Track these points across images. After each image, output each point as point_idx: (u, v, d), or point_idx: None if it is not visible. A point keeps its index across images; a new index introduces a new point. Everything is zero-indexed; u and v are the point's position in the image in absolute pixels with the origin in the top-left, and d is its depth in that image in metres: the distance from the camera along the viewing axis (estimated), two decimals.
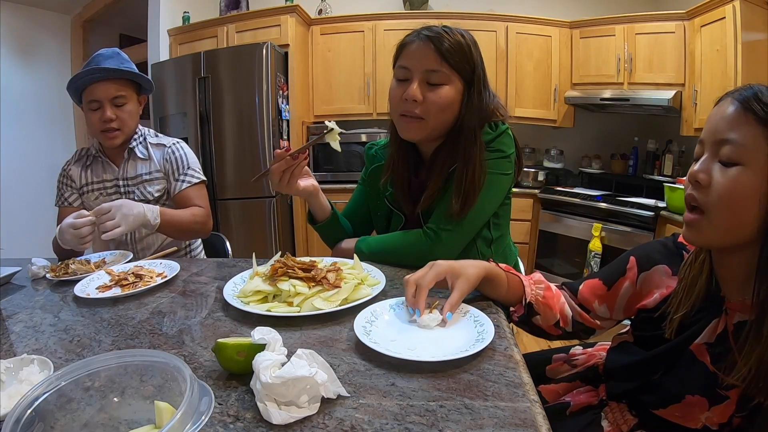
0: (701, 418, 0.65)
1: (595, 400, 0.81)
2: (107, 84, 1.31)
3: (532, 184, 3.11)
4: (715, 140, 0.61)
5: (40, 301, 0.91)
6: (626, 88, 2.85)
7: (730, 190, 0.59)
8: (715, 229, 0.61)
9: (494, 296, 0.83)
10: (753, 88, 0.59)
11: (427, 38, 0.95)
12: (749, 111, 0.58)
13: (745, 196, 0.58)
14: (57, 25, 3.57)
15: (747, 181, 0.57)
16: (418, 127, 0.99)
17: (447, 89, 0.97)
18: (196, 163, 1.47)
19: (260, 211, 2.92)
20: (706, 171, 0.61)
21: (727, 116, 0.60)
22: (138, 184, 1.40)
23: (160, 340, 0.71)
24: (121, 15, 3.81)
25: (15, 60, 3.30)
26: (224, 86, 2.87)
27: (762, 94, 0.58)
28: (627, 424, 0.73)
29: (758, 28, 2.34)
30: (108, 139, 1.35)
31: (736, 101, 0.59)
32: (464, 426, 0.48)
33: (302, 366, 0.50)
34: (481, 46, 1.03)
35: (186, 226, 1.35)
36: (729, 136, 0.59)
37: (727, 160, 0.59)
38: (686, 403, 0.66)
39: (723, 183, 0.59)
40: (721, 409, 0.63)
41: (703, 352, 0.66)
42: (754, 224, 0.59)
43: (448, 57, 0.95)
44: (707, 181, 0.61)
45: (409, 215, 1.11)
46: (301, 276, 0.82)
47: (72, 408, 0.47)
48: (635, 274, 0.78)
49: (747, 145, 0.57)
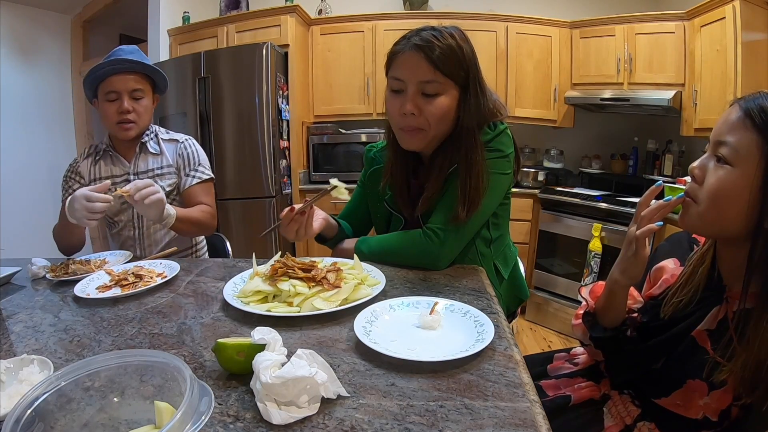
0: (700, 403, 0.67)
1: (597, 394, 0.82)
2: (127, 76, 1.33)
3: (532, 184, 3.11)
4: (716, 141, 0.66)
5: (40, 301, 0.91)
6: (626, 88, 2.85)
7: (717, 188, 0.63)
8: (701, 219, 0.66)
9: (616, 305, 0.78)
10: (759, 97, 0.62)
11: (417, 47, 0.92)
12: (748, 117, 0.61)
13: (728, 194, 0.63)
14: (57, 25, 3.57)
15: (733, 180, 0.62)
16: (420, 138, 0.99)
17: (442, 99, 0.95)
18: (206, 161, 1.49)
19: (260, 211, 2.92)
20: (701, 167, 0.67)
21: (730, 120, 0.64)
22: (150, 179, 1.40)
23: (160, 340, 0.71)
24: (121, 15, 3.80)
25: (15, 60, 3.30)
26: (224, 86, 2.87)
27: (765, 103, 0.61)
28: (630, 415, 0.74)
29: (758, 28, 2.34)
30: (123, 131, 1.36)
31: (740, 107, 0.63)
32: (464, 426, 0.48)
33: (302, 366, 0.50)
34: (481, 46, 1.03)
35: (195, 222, 1.36)
36: (726, 138, 0.63)
37: (720, 159, 0.64)
38: (687, 388, 0.68)
39: (711, 180, 0.65)
40: (719, 394, 0.65)
41: (704, 338, 0.68)
42: (739, 221, 0.63)
43: (440, 66, 0.92)
44: (701, 177, 0.66)
45: (408, 218, 1.11)
46: (301, 276, 0.82)
47: (72, 408, 0.47)
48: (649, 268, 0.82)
49: (740, 149, 0.62)
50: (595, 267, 2.60)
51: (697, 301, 0.71)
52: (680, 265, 0.78)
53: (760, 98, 0.62)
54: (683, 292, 0.73)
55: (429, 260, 0.99)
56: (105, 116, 1.36)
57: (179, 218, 1.26)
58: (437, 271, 0.99)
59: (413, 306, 0.77)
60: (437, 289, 0.89)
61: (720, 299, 0.69)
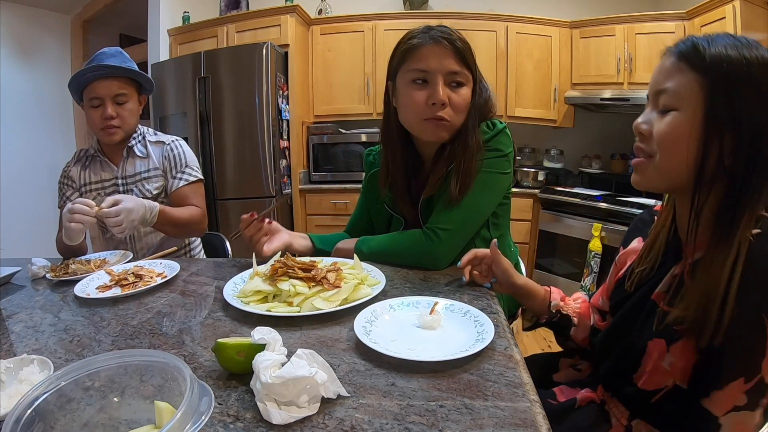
0: (665, 365, 0.65)
1: (597, 399, 0.81)
2: (109, 81, 1.32)
3: (532, 184, 3.11)
4: (655, 91, 0.65)
5: (40, 301, 0.91)
6: (626, 88, 2.85)
7: (667, 133, 0.62)
8: (658, 172, 0.65)
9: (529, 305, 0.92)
10: (690, 39, 0.63)
11: (442, 39, 0.96)
12: (683, 60, 0.61)
13: (680, 138, 0.61)
14: (57, 25, 3.57)
15: (681, 123, 0.61)
16: (445, 129, 1.00)
17: (466, 90, 0.99)
18: (194, 162, 1.47)
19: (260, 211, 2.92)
20: (647, 122, 0.66)
21: (665, 68, 0.64)
22: (137, 182, 1.40)
23: (160, 340, 0.71)
24: (121, 15, 3.80)
25: (15, 60, 3.30)
26: (224, 86, 2.87)
27: (697, 44, 0.61)
28: (624, 416, 0.74)
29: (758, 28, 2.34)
30: (108, 136, 1.36)
31: (673, 54, 0.63)
32: (464, 426, 0.48)
33: (302, 366, 0.50)
34: (481, 46, 1.05)
35: (182, 224, 1.35)
36: (665, 85, 0.63)
37: (663, 108, 0.63)
38: (650, 351, 0.66)
39: (661, 128, 0.63)
40: (679, 347, 0.63)
41: (662, 297, 0.67)
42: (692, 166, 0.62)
43: (464, 57, 0.96)
44: (648, 131, 0.65)
45: (409, 219, 1.11)
46: (301, 276, 0.82)
47: (72, 408, 0.47)
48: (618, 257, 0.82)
49: (680, 91, 0.61)
50: (595, 267, 2.59)
51: (659, 265, 0.70)
52: (643, 239, 0.78)
53: (689, 40, 0.62)
54: (646, 260, 0.72)
55: (429, 260, 0.99)
56: (90, 122, 1.37)
57: (161, 221, 1.27)
58: (437, 271, 0.99)
59: (413, 306, 0.77)
60: (437, 289, 0.89)
61: (679, 258, 0.68)
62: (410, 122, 1.03)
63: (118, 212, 1.12)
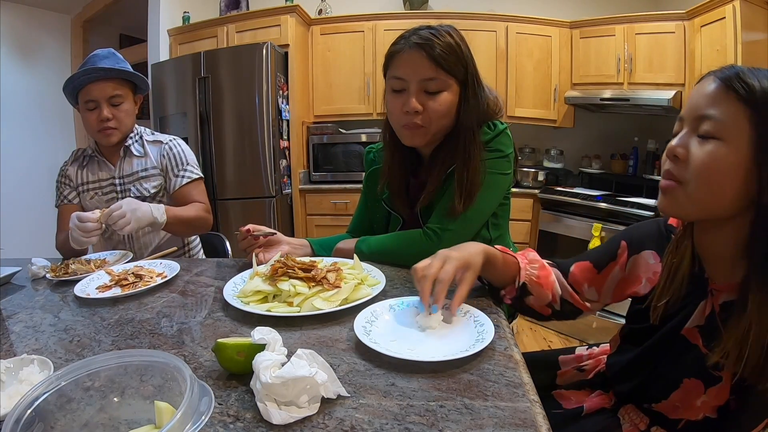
0: (698, 403, 0.65)
1: (609, 403, 0.81)
2: (103, 84, 1.32)
3: (532, 184, 3.11)
4: (696, 116, 0.62)
5: (40, 301, 0.91)
6: (626, 88, 2.85)
7: (707, 163, 0.60)
8: (691, 201, 0.62)
9: (489, 278, 0.83)
10: (735, 68, 0.61)
11: (417, 46, 0.94)
12: (730, 89, 0.59)
13: (721, 170, 0.59)
14: (57, 25, 3.57)
15: (724, 155, 0.59)
16: (421, 135, 1.00)
17: (445, 95, 0.96)
18: (194, 160, 1.48)
19: (260, 211, 2.92)
20: (684, 146, 0.63)
21: (709, 93, 0.61)
22: (134, 182, 1.40)
23: (160, 340, 0.71)
24: (121, 15, 3.80)
25: (15, 60, 3.30)
26: (224, 86, 2.87)
27: (744, 74, 0.59)
28: (643, 421, 0.74)
29: (758, 28, 2.34)
30: (105, 137, 1.36)
31: (717, 79, 0.61)
32: (464, 426, 0.48)
33: (302, 366, 0.50)
34: (481, 46, 1.04)
35: (191, 222, 1.36)
36: (709, 112, 0.60)
37: (705, 134, 0.61)
38: (684, 388, 0.67)
39: (700, 156, 0.60)
40: (716, 391, 0.64)
41: (695, 335, 0.67)
42: (730, 199, 0.60)
43: (441, 62, 0.93)
44: (685, 155, 0.62)
45: (406, 218, 1.11)
46: (301, 276, 0.82)
47: (72, 408, 0.47)
48: (625, 259, 0.79)
49: (726, 121, 0.59)
50: None
51: (683, 297, 0.69)
52: (658, 256, 0.75)
53: (736, 69, 0.60)
54: (668, 292, 0.70)
55: None
56: (86, 125, 1.37)
57: (170, 221, 1.27)
58: None
59: (413, 306, 0.77)
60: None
61: (705, 293, 0.67)
62: (393, 127, 1.04)
63: (122, 212, 1.12)
